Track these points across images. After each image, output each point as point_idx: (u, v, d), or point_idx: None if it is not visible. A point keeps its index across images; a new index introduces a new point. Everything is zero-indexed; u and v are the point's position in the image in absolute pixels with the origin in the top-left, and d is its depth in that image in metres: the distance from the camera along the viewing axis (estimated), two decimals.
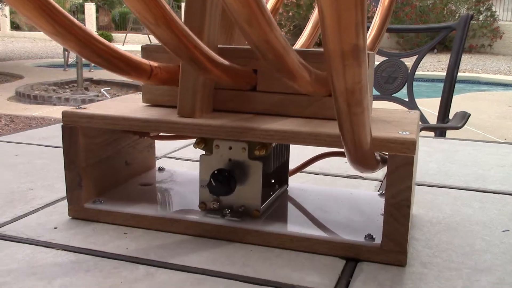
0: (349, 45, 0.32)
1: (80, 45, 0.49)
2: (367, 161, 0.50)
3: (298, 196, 0.72)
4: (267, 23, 0.39)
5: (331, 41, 0.32)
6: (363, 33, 0.32)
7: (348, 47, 0.32)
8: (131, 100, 0.73)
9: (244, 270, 0.55)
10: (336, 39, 0.31)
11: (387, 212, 0.56)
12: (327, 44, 0.32)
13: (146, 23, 0.47)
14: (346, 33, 0.31)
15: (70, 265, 0.56)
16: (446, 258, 0.59)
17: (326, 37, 0.31)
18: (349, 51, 0.32)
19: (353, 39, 0.32)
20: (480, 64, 10.63)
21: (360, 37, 0.32)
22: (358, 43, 0.32)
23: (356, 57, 0.33)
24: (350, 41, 0.32)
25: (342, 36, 0.31)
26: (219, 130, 0.60)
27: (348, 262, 0.58)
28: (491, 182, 0.88)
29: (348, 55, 0.33)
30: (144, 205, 0.67)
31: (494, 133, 4.97)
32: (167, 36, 0.48)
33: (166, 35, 0.47)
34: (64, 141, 0.65)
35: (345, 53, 0.33)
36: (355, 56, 0.33)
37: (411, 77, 2.40)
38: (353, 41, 0.32)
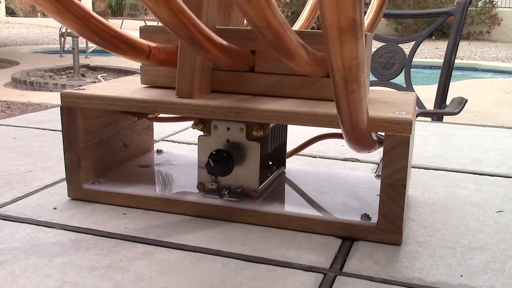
0: (347, 19, 0.32)
1: (79, 23, 0.50)
2: (364, 141, 0.50)
3: (295, 178, 0.73)
4: (266, 1, 0.40)
5: (328, 15, 0.32)
6: (360, 8, 0.32)
7: (345, 21, 0.32)
8: (130, 81, 0.73)
9: (242, 248, 0.56)
10: (334, 13, 0.32)
11: (383, 192, 0.56)
12: (325, 19, 0.33)
13: (146, 1, 0.47)
14: (344, 7, 0.31)
15: (70, 244, 0.56)
16: (441, 238, 0.60)
17: (324, 12, 0.32)
18: (346, 26, 0.33)
19: (351, 13, 0.32)
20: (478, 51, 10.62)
21: (357, 11, 0.32)
22: (355, 17, 0.32)
23: (353, 33, 0.33)
24: (347, 16, 0.32)
25: (340, 10, 0.32)
26: (217, 111, 0.60)
27: (345, 241, 0.58)
28: (486, 165, 0.89)
29: (346, 30, 0.33)
30: (142, 186, 0.68)
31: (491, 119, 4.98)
32: (167, 15, 0.48)
33: (166, 14, 0.47)
34: (63, 122, 0.66)
35: (342, 28, 0.33)
36: (352, 32, 0.33)
37: (409, 63, 2.40)
38: (351, 15, 0.32)
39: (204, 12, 0.60)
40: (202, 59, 0.62)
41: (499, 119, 5.06)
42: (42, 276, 0.49)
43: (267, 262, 0.53)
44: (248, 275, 0.51)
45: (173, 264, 0.52)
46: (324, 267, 0.53)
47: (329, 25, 0.33)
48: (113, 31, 0.54)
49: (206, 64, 0.63)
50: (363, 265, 0.53)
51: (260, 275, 0.51)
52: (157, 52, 0.61)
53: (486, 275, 0.52)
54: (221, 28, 0.64)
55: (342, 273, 0.52)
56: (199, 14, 0.59)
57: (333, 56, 0.36)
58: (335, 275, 0.51)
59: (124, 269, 0.51)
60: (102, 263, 0.52)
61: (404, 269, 0.52)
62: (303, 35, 0.57)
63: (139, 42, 0.58)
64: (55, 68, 6.92)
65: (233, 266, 0.52)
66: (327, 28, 0.33)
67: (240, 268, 0.52)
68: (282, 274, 0.51)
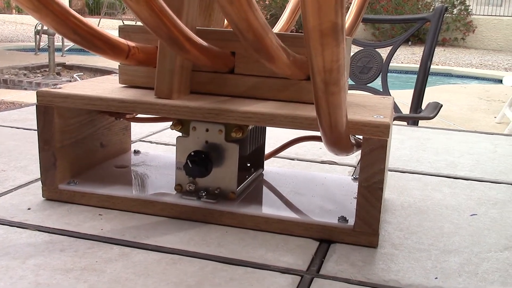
0: (328, 22, 0.32)
1: (58, 21, 0.49)
2: (342, 144, 0.51)
3: (273, 180, 0.73)
4: (248, 3, 0.40)
5: (310, 18, 0.32)
6: (342, 11, 0.32)
7: (327, 24, 0.33)
8: (108, 81, 0.72)
9: (219, 250, 0.56)
10: (316, 16, 0.32)
11: (360, 194, 0.57)
12: (307, 21, 0.33)
13: (127, 1, 0.47)
14: (326, 10, 0.32)
15: (44, 245, 0.55)
16: (416, 240, 0.61)
17: (306, 15, 0.32)
18: (328, 29, 0.33)
19: (332, 17, 0.32)
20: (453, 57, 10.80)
21: (339, 15, 0.32)
22: (337, 21, 0.32)
23: (334, 36, 0.34)
24: (329, 19, 0.32)
25: (322, 13, 0.32)
26: (196, 112, 0.60)
27: (322, 244, 0.59)
28: (461, 169, 0.90)
29: (327, 33, 0.33)
30: (119, 186, 0.67)
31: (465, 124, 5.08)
32: (147, 14, 0.47)
33: (146, 13, 0.47)
34: (39, 121, 0.65)
35: (324, 31, 0.33)
36: (333, 35, 0.33)
37: (386, 68, 2.43)
38: (332, 19, 0.32)
39: (185, 13, 0.60)
40: (181, 60, 0.61)
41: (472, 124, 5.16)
42: (15, 278, 0.48)
43: (244, 264, 0.53)
44: (225, 277, 0.50)
45: (150, 266, 0.52)
46: (301, 269, 0.53)
47: (311, 27, 0.33)
48: (92, 30, 0.53)
49: (186, 64, 0.63)
50: (340, 267, 0.54)
51: (237, 277, 0.51)
52: (136, 51, 0.61)
53: (460, 277, 0.52)
54: (201, 29, 0.64)
55: (319, 275, 0.52)
56: (179, 14, 0.58)
57: (314, 59, 0.36)
58: (312, 277, 0.51)
59: (100, 271, 0.51)
60: (77, 265, 0.51)
61: (380, 271, 0.53)
62: (284, 38, 0.57)
63: (119, 42, 0.58)
64: (30, 66, 6.80)
65: (211, 268, 0.52)
66: (309, 30, 0.33)
67: (217, 270, 0.52)
68: (259, 276, 0.51)
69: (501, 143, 1.11)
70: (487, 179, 0.85)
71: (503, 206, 0.73)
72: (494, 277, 0.53)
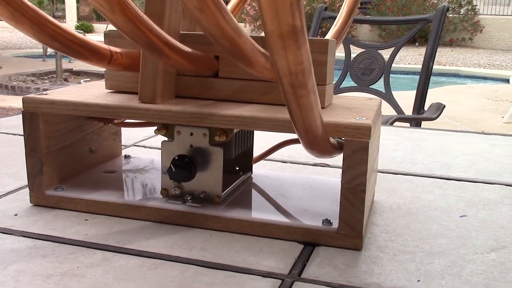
0: (287, 25, 0.32)
1: (35, 29, 0.49)
2: (320, 146, 0.50)
3: (261, 183, 0.73)
4: (218, 9, 0.40)
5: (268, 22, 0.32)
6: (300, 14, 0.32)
7: (285, 27, 0.32)
8: (95, 86, 0.73)
9: (202, 254, 0.56)
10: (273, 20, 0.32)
11: (343, 197, 0.57)
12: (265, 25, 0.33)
13: (101, 10, 0.47)
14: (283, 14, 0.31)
15: (27, 250, 0.56)
16: (402, 243, 0.60)
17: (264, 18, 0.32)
18: (287, 32, 0.33)
19: (290, 20, 0.32)
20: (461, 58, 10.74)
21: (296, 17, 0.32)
22: (295, 23, 0.32)
23: (294, 39, 0.33)
24: (287, 22, 0.32)
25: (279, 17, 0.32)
26: (179, 116, 0.60)
27: (306, 247, 0.58)
28: (455, 170, 0.90)
29: (287, 36, 0.33)
30: (106, 191, 0.67)
31: (472, 125, 5.04)
32: (123, 23, 0.47)
33: (122, 22, 0.47)
34: (25, 127, 0.65)
35: (283, 34, 0.33)
36: (293, 37, 0.33)
37: (388, 69, 2.42)
38: (290, 22, 0.32)
39: (166, 18, 0.60)
40: (164, 65, 0.61)
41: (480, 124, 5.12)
42: None
43: (226, 268, 0.53)
44: (206, 281, 0.50)
45: (131, 271, 0.52)
46: (283, 272, 0.53)
47: (270, 31, 0.33)
48: (73, 36, 0.54)
49: (169, 69, 0.63)
50: (322, 270, 0.53)
51: (218, 281, 0.50)
52: (119, 57, 0.61)
53: (443, 279, 0.52)
54: (185, 33, 0.64)
55: (300, 279, 0.51)
56: (161, 20, 0.58)
57: (278, 62, 0.36)
58: (292, 281, 0.51)
59: (80, 276, 0.51)
60: (58, 270, 0.52)
61: (363, 274, 0.53)
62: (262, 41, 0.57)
63: (100, 47, 0.58)
64: (38, 73, 6.86)
65: (192, 272, 0.52)
66: (269, 34, 0.33)
67: (198, 274, 0.52)
68: (240, 280, 0.51)
69: (498, 143, 1.10)
70: (480, 180, 0.84)
71: (493, 207, 0.72)
72: (478, 280, 0.52)
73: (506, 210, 0.71)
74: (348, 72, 2.48)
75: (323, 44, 0.60)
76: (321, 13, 2.56)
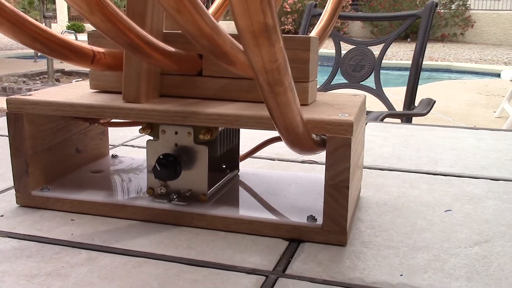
0: (258, 23, 0.32)
1: (13, 29, 0.49)
2: (302, 143, 0.51)
3: (248, 181, 0.73)
4: (195, 9, 0.40)
5: (240, 20, 0.32)
6: (271, 11, 0.32)
7: (257, 25, 0.33)
8: (80, 86, 0.73)
9: (188, 252, 0.56)
10: (245, 18, 0.32)
11: (327, 193, 0.57)
12: (237, 23, 0.33)
13: (81, 11, 0.47)
14: (254, 11, 0.32)
15: (12, 251, 0.56)
16: (387, 238, 0.60)
17: (235, 16, 0.32)
18: (259, 30, 0.33)
19: (261, 18, 0.32)
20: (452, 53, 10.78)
21: (268, 15, 0.32)
22: (266, 21, 0.32)
23: (267, 37, 0.34)
24: (258, 20, 0.32)
25: (250, 15, 0.32)
26: (163, 115, 0.60)
27: (291, 243, 0.59)
28: (441, 165, 0.90)
29: (259, 34, 0.33)
30: (92, 191, 0.68)
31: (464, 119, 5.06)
32: (103, 23, 0.48)
33: (102, 23, 0.47)
34: (9, 128, 0.65)
35: (255, 32, 0.33)
36: (266, 35, 0.34)
37: (378, 65, 2.43)
38: (261, 20, 0.32)
39: (149, 17, 0.60)
40: (148, 64, 0.61)
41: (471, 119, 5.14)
42: None
43: (211, 266, 0.53)
44: (190, 279, 0.51)
45: (115, 270, 0.52)
46: (267, 269, 0.53)
47: (242, 29, 0.33)
48: (53, 37, 0.54)
49: (153, 69, 0.63)
50: (306, 266, 0.54)
51: (201, 279, 0.51)
52: (102, 57, 0.61)
53: (426, 273, 0.52)
54: (168, 32, 0.64)
55: (284, 275, 0.52)
56: (143, 19, 0.58)
57: (252, 60, 0.36)
58: (276, 277, 0.51)
59: (64, 276, 0.51)
60: (43, 271, 0.52)
61: (346, 270, 0.53)
62: None
63: (82, 47, 0.58)
64: (29, 73, 6.82)
65: (176, 271, 0.52)
66: (241, 32, 0.34)
67: (183, 272, 0.52)
68: (224, 277, 0.51)
69: (485, 138, 1.10)
70: (466, 175, 0.85)
71: (478, 201, 0.73)
72: (460, 273, 0.53)
73: (491, 204, 0.72)
74: (338, 69, 2.49)
75: (305, 41, 0.60)
76: (311, 10, 2.56)
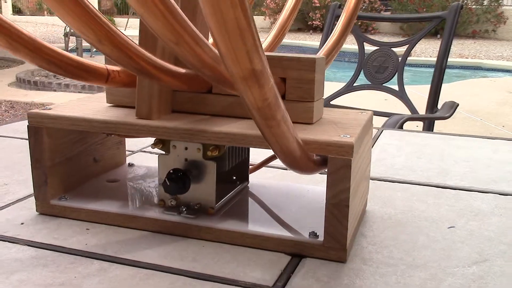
0: (246, 70, 0.35)
1: (32, 55, 0.52)
2: (300, 166, 0.53)
3: (257, 193, 0.75)
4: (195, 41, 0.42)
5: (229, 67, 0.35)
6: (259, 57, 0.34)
7: (245, 72, 0.35)
8: (97, 100, 0.76)
9: (193, 265, 0.59)
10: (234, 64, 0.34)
11: (328, 211, 0.59)
12: (227, 67, 0.35)
13: (89, 40, 0.50)
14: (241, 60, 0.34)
15: (30, 260, 0.59)
16: (387, 255, 0.62)
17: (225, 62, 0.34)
18: (247, 75, 0.35)
19: (248, 65, 0.34)
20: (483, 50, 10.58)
21: (255, 62, 0.34)
22: (254, 68, 0.35)
23: (255, 80, 0.36)
24: (246, 67, 0.34)
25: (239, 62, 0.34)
26: (173, 132, 0.63)
27: (293, 258, 0.61)
28: (451, 178, 0.91)
29: (248, 78, 0.36)
30: (107, 201, 0.71)
31: (492, 119, 4.98)
32: (112, 52, 0.50)
33: (111, 51, 0.50)
34: (30, 141, 0.69)
35: (245, 77, 0.35)
36: (254, 79, 0.36)
37: (402, 67, 2.42)
38: (249, 67, 0.34)
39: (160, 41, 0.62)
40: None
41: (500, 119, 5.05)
42: None
43: (213, 280, 0.56)
44: None
45: (124, 281, 0.55)
46: (268, 284, 0.55)
47: (232, 74, 0.35)
48: (69, 59, 0.57)
49: (165, 87, 0.66)
50: (306, 282, 0.56)
51: None
52: (117, 75, 0.64)
53: None
54: None
55: None
56: (154, 42, 0.61)
57: (245, 98, 0.38)
58: None
59: (77, 286, 0.54)
60: (57, 280, 0.55)
61: (344, 287, 0.55)
62: None
63: (96, 67, 0.61)
64: None
65: (180, 284, 0.55)
66: (232, 76, 0.36)
67: (186, 285, 0.55)
68: None
69: (500, 149, 1.10)
70: (475, 188, 0.86)
71: (483, 217, 0.74)
72: None
73: (496, 221, 0.73)
74: (361, 70, 2.49)
75: (311, 63, 0.62)
76: (335, 10, 2.57)
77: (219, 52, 0.33)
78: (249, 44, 0.32)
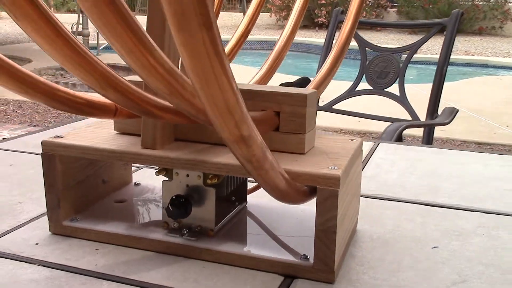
0: (235, 135, 0.40)
1: (46, 98, 0.58)
2: (289, 198, 0.58)
3: (254, 213, 0.81)
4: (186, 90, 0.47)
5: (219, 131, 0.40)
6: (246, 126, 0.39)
7: (234, 136, 0.40)
8: (106, 126, 0.81)
9: (194, 286, 0.64)
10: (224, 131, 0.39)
11: (317, 237, 0.64)
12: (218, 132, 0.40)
13: (92, 87, 0.55)
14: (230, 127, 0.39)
15: (44, 281, 0.65)
16: (373, 275, 0.67)
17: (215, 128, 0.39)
18: (237, 139, 0.40)
19: (237, 132, 0.39)
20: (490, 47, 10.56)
21: (243, 129, 0.39)
22: (242, 133, 0.40)
23: (243, 142, 0.41)
24: (235, 133, 0.39)
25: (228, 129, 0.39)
26: (176, 162, 0.68)
27: (286, 279, 0.66)
28: (441, 195, 0.96)
29: (237, 141, 0.41)
30: (115, 222, 0.76)
31: (497, 119, 4.99)
32: (115, 96, 0.56)
33: (113, 96, 0.55)
34: (44, 167, 0.74)
35: (234, 140, 0.40)
36: (242, 142, 0.41)
37: (403, 72, 2.46)
38: (237, 133, 0.40)
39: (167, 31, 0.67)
40: None
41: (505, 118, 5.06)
42: None
43: None
44: None
45: None
46: None
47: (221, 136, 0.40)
48: (80, 98, 0.62)
49: None
50: None
51: None
52: (124, 109, 0.69)
53: None
54: None
55: None
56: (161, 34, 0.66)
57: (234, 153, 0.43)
58: None
59: None
60: None
61: None
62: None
63: (104, 104, 0.66)
64: None
65: None
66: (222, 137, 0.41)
67: None
68: None
69: (492, 164, 1.15)
70: (461, 207, 0.90)
71: (466, 237, 0.78)
72: None
73: (477, 241, 0.77)
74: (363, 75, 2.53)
75: (302, 98, 0.67)
76: (338, 16, 2.61)
77: (212, 120, 0.38)
78: (237, 117, 0.37)
